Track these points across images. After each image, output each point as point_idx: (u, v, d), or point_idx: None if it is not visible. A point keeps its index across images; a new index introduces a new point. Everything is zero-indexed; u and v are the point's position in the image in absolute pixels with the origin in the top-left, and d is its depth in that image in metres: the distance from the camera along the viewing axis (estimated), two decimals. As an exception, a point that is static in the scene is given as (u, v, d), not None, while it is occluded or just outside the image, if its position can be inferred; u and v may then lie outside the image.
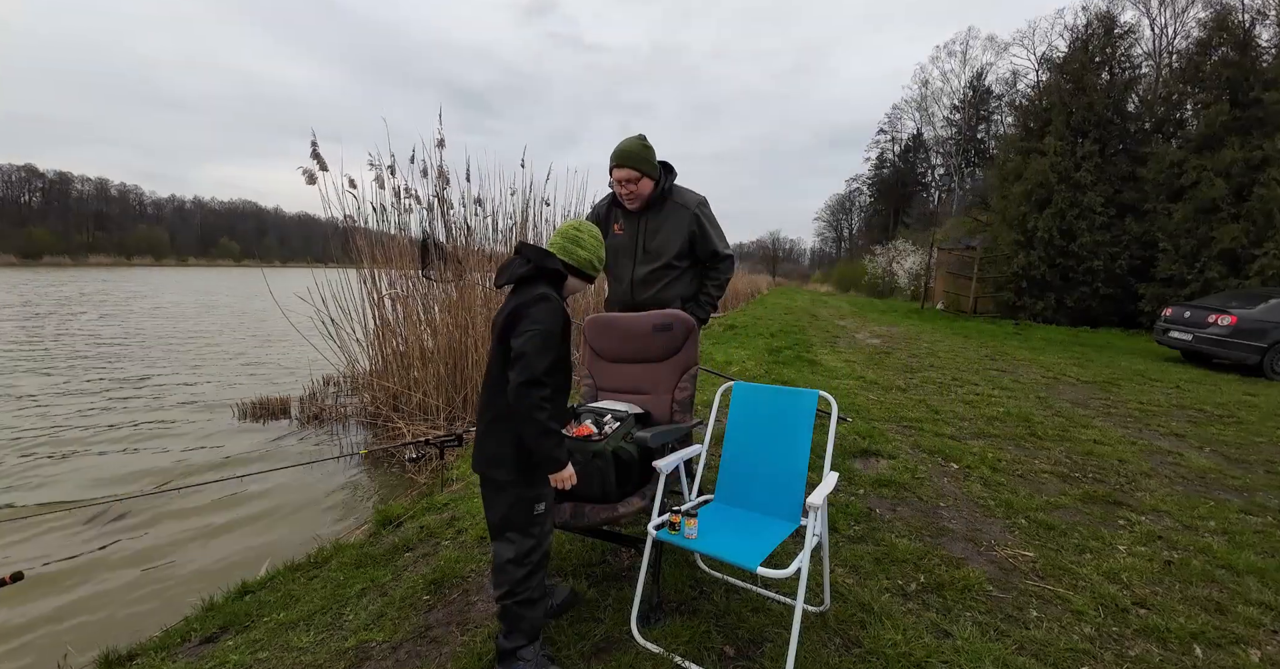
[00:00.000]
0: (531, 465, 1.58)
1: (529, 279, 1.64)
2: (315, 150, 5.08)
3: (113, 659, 1.99)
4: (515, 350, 1.51)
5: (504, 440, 1.59)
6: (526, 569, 1.61)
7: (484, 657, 1.78)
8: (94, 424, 5.59)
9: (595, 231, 1.79)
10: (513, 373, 1.50)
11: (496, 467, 1.60)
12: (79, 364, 8.57)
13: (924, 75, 45.74)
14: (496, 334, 1.62)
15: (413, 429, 4.90)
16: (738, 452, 2.12)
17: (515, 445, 1.57)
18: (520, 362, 1.49)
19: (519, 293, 1.63)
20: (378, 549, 2.62)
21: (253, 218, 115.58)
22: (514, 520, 1.61)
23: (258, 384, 7.23)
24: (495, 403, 1.61)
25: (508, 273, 1.67)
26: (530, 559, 1.61)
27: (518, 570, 1.60)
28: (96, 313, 16.26)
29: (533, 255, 1.66)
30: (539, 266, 1.64)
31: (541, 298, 1.58)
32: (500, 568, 1.62)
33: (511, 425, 1.57)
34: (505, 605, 1.62)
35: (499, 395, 1.59)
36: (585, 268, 1.75)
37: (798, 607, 1.56)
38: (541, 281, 1.64)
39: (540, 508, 1.62)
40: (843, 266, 44.90)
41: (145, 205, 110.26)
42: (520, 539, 1.60)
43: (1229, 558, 2.44)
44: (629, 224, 2.60)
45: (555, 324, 1.56)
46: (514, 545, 1.60)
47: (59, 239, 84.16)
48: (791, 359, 7.52)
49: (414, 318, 5.51)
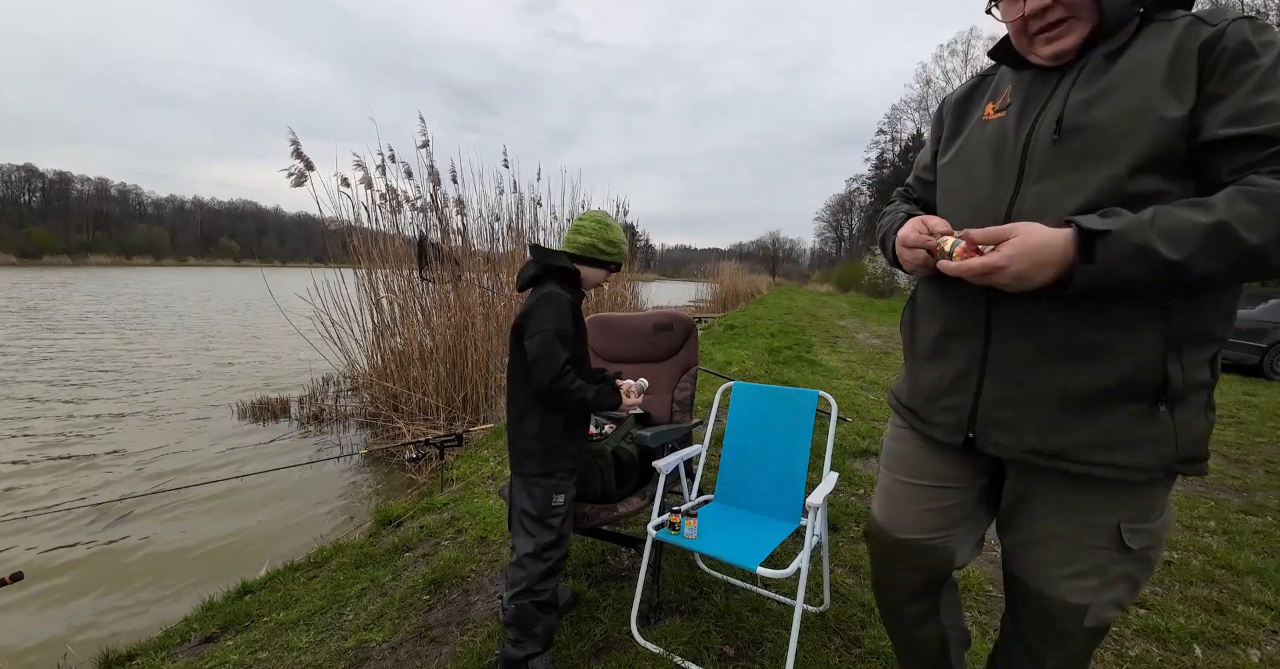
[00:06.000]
0: (553, 453, 1.62)
1: (539, 279, 1.66)
2: (298, 149, 5.07)
3: (112, 659, 1.99)
4: (531, 354, 1.54)
5: (527, 433, 1.63)
6: (544, 565, 1.58)
7: (484, 657, 1.78)
8: (90, 425, 5.59)
9: (599, 215, 1.76)
10: (536, 373, 1.54)
11: (523, 461, 1.64)
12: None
13: (926, 74, 45.54)
14: (513, 334, 1.66)
15: (413, 429, 4.91)
16: (738, 452, 2.12)
17: (538, 437, 1.62)
18: (538, 364, 1.53)
19: (532, 293, 1.66)
20: (378, 549, 2.62)
21: (252, 218, 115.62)
22: (534, 509, 1.60)
23: (257, 384, 7.23)
24: (518, 398, 1.66)
25: (522, 276, 1.70)
26: (549, 554, 1.59)
27: (536, 565, 1.58)
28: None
29: (538, 256, 1.68)
30: (544, 266, 1.66)
31: (545, 298, 1.59)
32: (517, 563, 1.60)
33: (533, 420, 1.62)
34: (520, 606, 1.56)
35: (518, 392, 1.65)
36: (588, 252, 1.70)
37: (798, 607, 1.56)
38: (549, 281, 1.65)
39: (559, 499, 1.62)
40: (843, 267, 44.92)
41: (145, 205, 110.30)
42: (540, 531, 1.60)
43: (1229, 558, 2.44)
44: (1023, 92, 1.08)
45: (562, 322, 1.57)
46: (533, 538, 1.59)
47: (59, 239, 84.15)
48: (791, 359, 7.52)
49: (412, 318, 5.51)
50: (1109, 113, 0.82)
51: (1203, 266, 0.73)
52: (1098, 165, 0.82)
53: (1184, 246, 0.72)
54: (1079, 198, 0.83)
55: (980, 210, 0.96)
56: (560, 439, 1.65)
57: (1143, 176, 0.80)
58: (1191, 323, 0.82)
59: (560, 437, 1.65)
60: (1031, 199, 0.89)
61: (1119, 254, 0.73)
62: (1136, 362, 0.82)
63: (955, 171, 1.04)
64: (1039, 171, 0.89)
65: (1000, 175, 0.94)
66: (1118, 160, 0.80)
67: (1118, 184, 0.80)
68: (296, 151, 5.06)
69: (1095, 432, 0.86)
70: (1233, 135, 0.75)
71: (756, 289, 31.22)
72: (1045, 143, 0.88)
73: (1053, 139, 0.87)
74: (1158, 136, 0.78)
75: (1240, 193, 0.72)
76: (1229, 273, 0.74)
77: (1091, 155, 0.83)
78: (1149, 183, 0.80)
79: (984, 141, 0.99)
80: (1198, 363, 0.83)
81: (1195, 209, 0.73)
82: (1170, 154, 0.79)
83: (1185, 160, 0.79)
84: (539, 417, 1.63)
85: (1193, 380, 0.83)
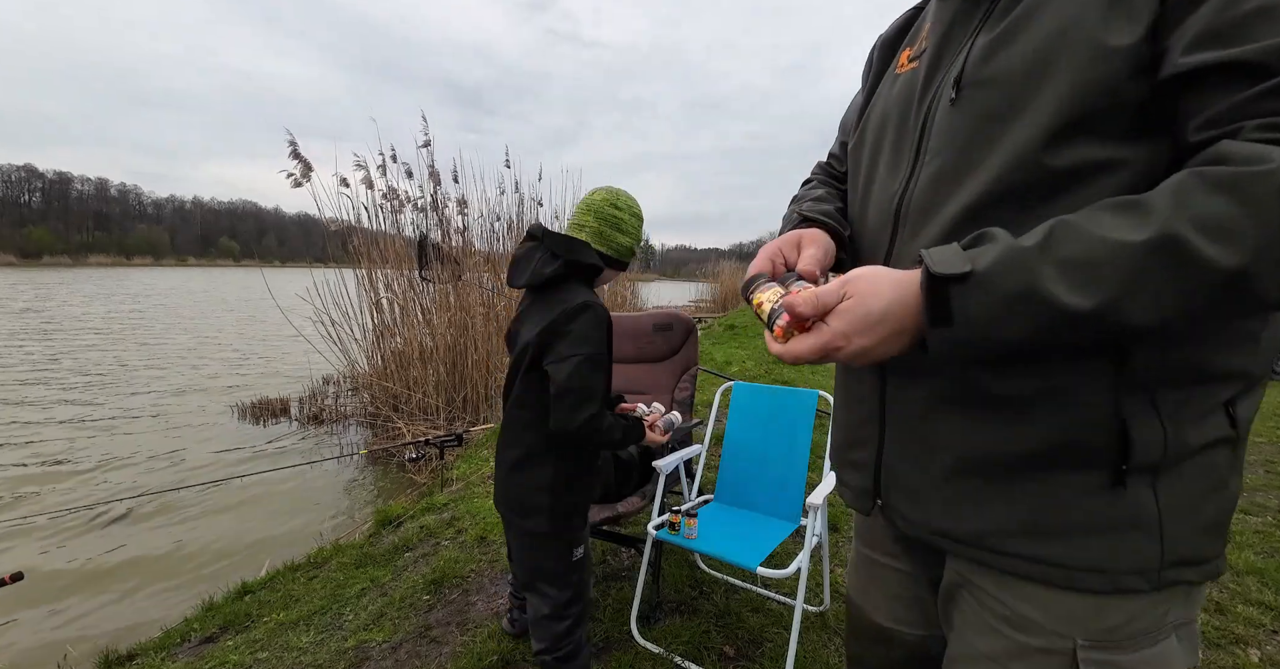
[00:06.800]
0: (569, 509, 1.35)
1: (558, 279, 1.29)
2: (296, 151, 5.06)
3: (112, 659, 1.99)
4: (560, 385, 1.20)
5: (537, 483, 1.31)
6: (567, 622, 1.37)
7: (484, 657, 1.78)
8: (90, 426, 5.59)
9: (635, 206, 1.42)
10: (561, 411, 1.21)
11: (529, 515, 1.33)
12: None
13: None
14: (529, 357, 1.28)
15: (413, 429, 4.91)
16: (738, 451, 2.12)
17: (550, 489, 1.31)
18: (569, 398, 1.20)
19: (546, 298, 1.30)
20: (378, 549, 2.62)
21: (252, 218, 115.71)
22: (549, 571, 1.36)
23: (257, 384, 7.23)
24: (524, 438, 1.33)
25: (529, 272, 1.30)
26: (570, 612, 1.37)
27: (557, 625, 1.37)
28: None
29: (560, 248, 1.29)
30: (569, 263, 1.28)
31: (582, 308, 1.24)
32: (536, 623, 1.40)
33: (544, 466, 1.32)
34: (544, 661, 1.40)
35: (529, 429, 1.32)
36: (625, 256, 1.41)
37: (798, 607, 1.56)
38: (575, 281, 1.30)
39: (579, 552, 1.38)
40: (842, 267, 44.87)
41: (145, 205, 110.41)
42: (557, 592, 1.36)
43: (1229, 558, 2.43)
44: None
45: (604, 339, 1.26)
46: (550, 599, 1.36)
47: (59, 239, 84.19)
48: (791, 359, 7.50)
49: (412, 318, 5.51)
50: (1023, 50, 0.55)
51: (1140, 314, 0.44)
52: (1004, 130, 0.55)
53: (1101, 285, 0.43)
54: (973, 186, 0.57)
55: (878, 209, 0.69)
56: (578, 488, 1.37)
57: (1072, 142, 0.52)
58: (1170, 357, 0.52)
59: (578, 486, 1.37)
60: (918, 193, 0.63)
61: (988, 308, 0.46)
62: (1072, 417, 0.54)
63: (859, 148, 0.76)
64: (933, 149, 0.62)
65: (898, 156, 0.67)
66: (1032, 118, 0.53)
67: (1031, 157, 0.53)
68: (294, 153, 5.06)
69: (1020, 511, 0.58)
70: (1201, 64, 0.46)
71: (756, 289, 31.12)
72: (945, 107, 0.61)
73: (950, 100, 0.60)
74: (1093, 76, 0.50)
75: (1198, 179, 0.43)
76: (1188, 316, 0.44)
77: (995, 116, 0.56)
78: (1082, 151, 0.51)
79: (891, 105, 0.70)
80: (1195, 413, 0.53)
81: (1121, 215, 0.45)
82: (1114, 104, 0.50)
83: (1139, 112, 0.50)
84: (552, 464, 1.31)
85: (1185, 440, 0.53)
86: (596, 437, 1.25)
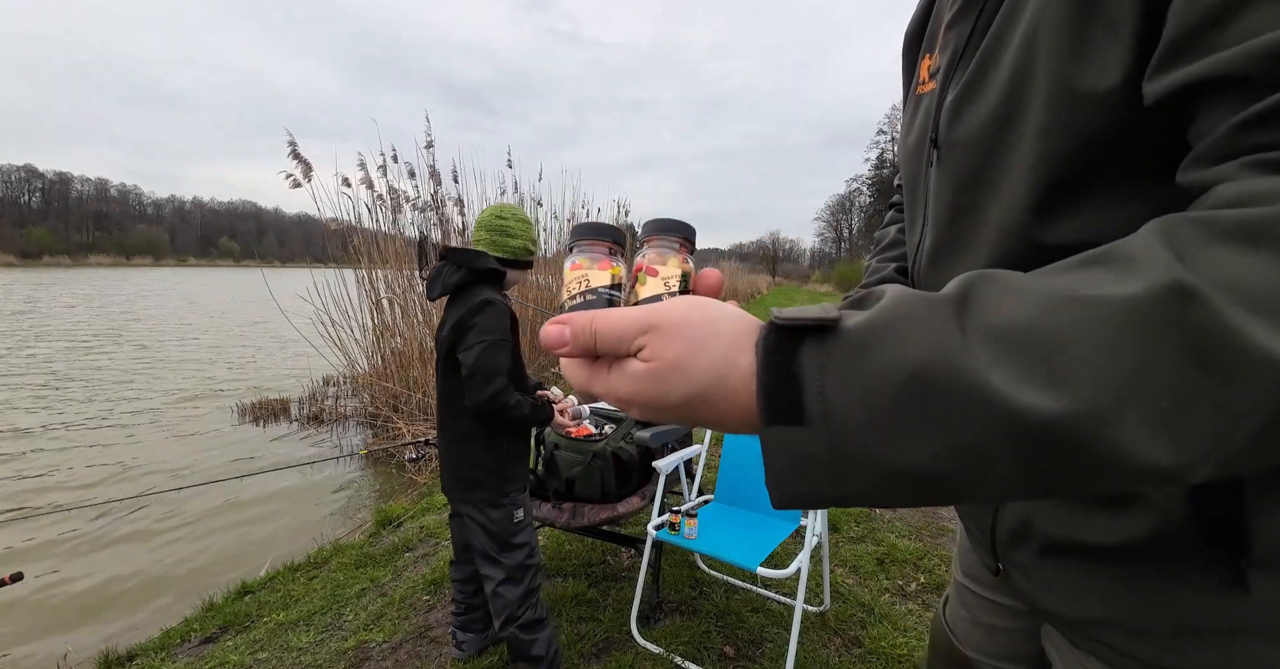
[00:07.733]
0: (504, 475, 1.53)
1: (465, 286, 1.52)
2: (295, 152, 5.05)
3: (112, 659, 1.99)
4: (469, 367, 1.43)
5: (471, 461, 1.53)
6: (521, 587, 1.52)
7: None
8: (90, 426, 5.59)
9: (519, 213, 1.66)
10: (472, 389, 1.42)
11: (469, 488, 1.54)
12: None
13: (924, 75, 45.44)
14: (445, 350, 1.51)
15: (413, 429, 4.90)
16: (738, 451, 2.12)
17: (485, 464, 1.52)
18: (477, 377, 1.42)
19: (458, 302, 1.52)
20: (378, 549, 2.62)
21: (252, 218, 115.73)
22: (496, 536, 1.52)
23: (257, 384, 7.23)
24: (455, 423, 1.54)
25: (440, 283, 1.53)
26: (524, 573, 1.53)
27: (512, 590, 1.51)
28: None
29: (462, 260, 1.53)
30: (472, 270, 1.52)
31: (485, 304, 1.47)
32: (494, 595, 1.53)
33: (478, 445, 1.52)
34: (510, 635, 1.53)
35: (456, 413, 1.52)
36: (521, 255, 1.63)
37: (798, 607, 1.56)
38: (479, 285, 1.53)
39: (519, 515, 1.54)
40: (843, 267, 44.96)
41: (145, 205, 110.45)
42: (507, 555, 1.52)
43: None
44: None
45: (503, 331, 1.48)
46: (501, 566, 1.52)
47: (59, 239, 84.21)
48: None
49: (412, 318, 5.51)
50: (988, 102, 0.44)
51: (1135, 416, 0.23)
52: (988, 200, 0.45)
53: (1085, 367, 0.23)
54: (965, 265, 0.47)
55: (909, 265, 0.60)
56: (511, 461, 1.56)
57: (1071, 211, 0.40)
58: None
59: (510, 459, 1.56)
60: (924, 267, 0.55)
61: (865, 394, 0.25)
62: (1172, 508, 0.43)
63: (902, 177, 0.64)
64: (932, 218, 0.54)
65: (913, 211, 0.58)
66: (1010, 187, 0.43)
67: (1023, 233, 0.42)
68: (294, 153, 5.05)
69: (1114, 605, 0.48)
70: (1168, 89, 0.32)
71: (756, 289, 31.21)
72: (935, 166, 0.52)
73: (928, 162, 0.52)
74: (1075, 129, 0.38)
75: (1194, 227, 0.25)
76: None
77: (973, 185, 0.47)
78: (1086, 221, 0.40)
79: (910, 141, 0.59)
80: None
81: (1095, 272, 0.25)
82: (1112, 157, 0.38)
83: (1167, 161, 0.35)
84: (485, 440, 1.52)
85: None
86: (505, 411, 1.44)
